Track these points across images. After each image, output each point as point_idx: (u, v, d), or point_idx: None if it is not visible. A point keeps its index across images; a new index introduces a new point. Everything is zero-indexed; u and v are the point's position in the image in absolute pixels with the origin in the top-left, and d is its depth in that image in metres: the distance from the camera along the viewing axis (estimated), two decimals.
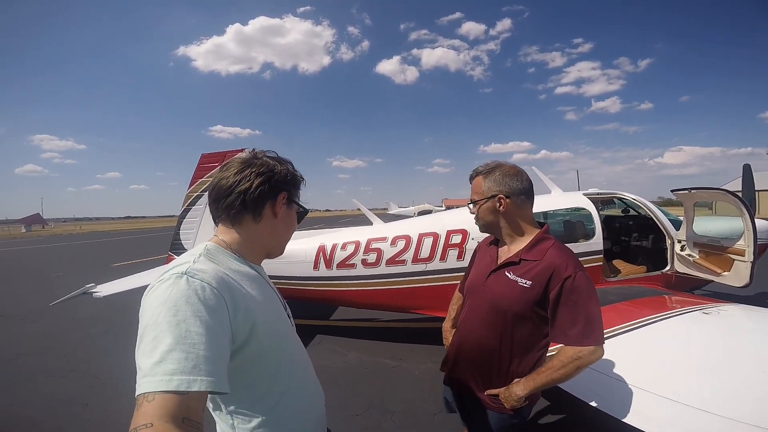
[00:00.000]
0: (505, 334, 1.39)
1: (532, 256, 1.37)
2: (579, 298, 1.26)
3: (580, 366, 1.26)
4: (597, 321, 1.27)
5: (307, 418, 1.01)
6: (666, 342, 2.31)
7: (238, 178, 0.93)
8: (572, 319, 1.27)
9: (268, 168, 0.96)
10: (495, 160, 1.52)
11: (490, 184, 1.45)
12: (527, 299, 1.33)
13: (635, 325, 2.44)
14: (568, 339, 1.28)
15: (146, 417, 0.60)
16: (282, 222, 1.01)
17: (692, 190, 3.67)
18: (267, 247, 1.03)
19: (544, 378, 1.31)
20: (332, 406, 2.96)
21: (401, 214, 32.29)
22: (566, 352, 1.28)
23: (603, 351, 1.28)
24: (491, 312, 1.43)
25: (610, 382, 1.88)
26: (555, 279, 1.29)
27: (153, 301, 0.73)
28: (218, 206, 0.95)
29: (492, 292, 1.44)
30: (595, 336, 1.26)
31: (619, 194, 4.50)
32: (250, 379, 0.88)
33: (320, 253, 4.00)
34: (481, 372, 1.48)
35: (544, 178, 4.68)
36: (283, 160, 1.02)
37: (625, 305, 2.96)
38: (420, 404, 3.08)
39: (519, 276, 1.36)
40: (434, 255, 3.70)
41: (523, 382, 1.35)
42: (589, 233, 3.82)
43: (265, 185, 0.95)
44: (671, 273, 3.92)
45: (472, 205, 1.52)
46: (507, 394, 1.36)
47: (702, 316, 2.59)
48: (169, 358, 0.65)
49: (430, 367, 3.70)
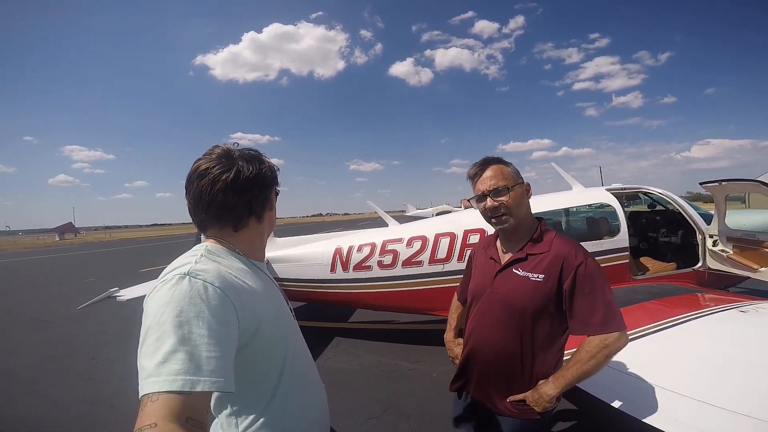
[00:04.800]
0: (524, 334, 1.32)
1: (539, 249, 1.33)
2: (594, 284, 1.22)
3: (608, 354, 1.21)
4: (615, 306, 1.23)
5: (310, 416, 1.00)
6: (700, 342, 2.19)
7: (228, 184, 0.87)
8: (591, 307, 1.21)
9: (258, 173, 0.93)
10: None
11: (513, 170, 1.39)
12: (542, 293, 1.27)
13: (666, 324, 2.33)
14: (591, 328, 1.22)
15: (150, 417, 0.60)
16: (270, 218, 1.04)
17: (723, 183, 3.50)
18: (267, 240, 1.08)
19: (574, 372, 1.23)
20: (349, 409, 3.02)
21: (419, 215, 32.10)
22: (592, 341, 1.22)
23: (627, 337, 1.24)
24: (505, 313, 1.35)
25: (635, 383, 1.78)
26: (567, 268, 1.25)
27: (156, 302, 0.73)
28: (219, 216, 0.91)
29: (503, 292, 1.37)
30: (619, 321, 1.22)
31: (644, 189, 4.31)
32: (254, 376, 0.88)
33: (337, 255, 4.01)
34: (501, 379, 1.39)
35: (564, 174, 4.55)
36: (254, 153, 0.98)
37: (654, 304, 2.83)
38: (437, 407, 3.02)
39: (529, 271, 1.31)
40: (452, 255, 3.65)
41: (552, 381, 1.27)
42: (614, 230, 3.71)
43: (267, 190, 0.98)
44: (703, 270, 3.75)
45: (498, 194, 1.33)
46: (536, 396, 1.28)
47: (739, 314, 2.46)
48: (173, 359, 0.65)
49: (447, 369, 3.62)
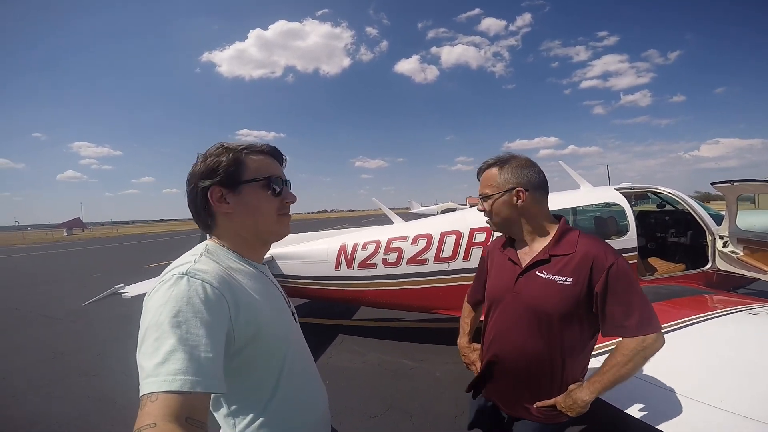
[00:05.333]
0: (552, 339, 1.28)
1: (562, 250, 1.27)
2: (628, 285, 1.18)
3: (646, 357, 1.17)
4: (650, 307, 1.19)
5: (310, 417, 0.99)
6: (709, 344, 2.16)
7: (187, 192, 0.93)
8: (627, 309, 1.17)
9: (191, 174, 0.92)
10: (507, 153, 1.41)
11: (506, 176, 1.34)
12: (571, 297, 1.22)
13: (674, 326, 2.29)
14: (628, 330, 1.18)
15: (150, 417, 0.59)
16: (239, 210, 0.91)
17: (735, 183, 3.44)
18: (251, 241, 0.96)
19: (611, 376, 1.20)
20: (351, 407, 3.01)
21: (424, 213, 31.92)
22: (628, 344, 1.18)
23: (664, 337, 1.20)
24: (533, 318, 1.30)
25: (645, 387, 1.75)
26: (597, 270, 1.19)
27: (155, 302, 0.73)
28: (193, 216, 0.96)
29: (528, 296, 1.31)
30: (655, 322, 1.18)
31: (653, 188, 4.24)
32: (253, 378, 0.87)
33: (341, 252, 4.01)
34: (528, 384, 1.35)
35: (571, 172, 4.49)
36: (218, 147, 0.93)
37: (662, 305, 2.78)
38: (440, 406, 3.01)
39: (555, 274, 1.25)
40: (457, 254, 3.62)
41: (587, 385, 1.24)
42: (622, 229, 3.67)
43: (193, 194, 0.91)
44: (712, 271, 3.69)
45: (484, 200, 1.39)
46: (569, 402, 1.25)
47: (749, 317, 2.41)
48: (172, 359, 0.65)
49: (451, 368, 3.62)
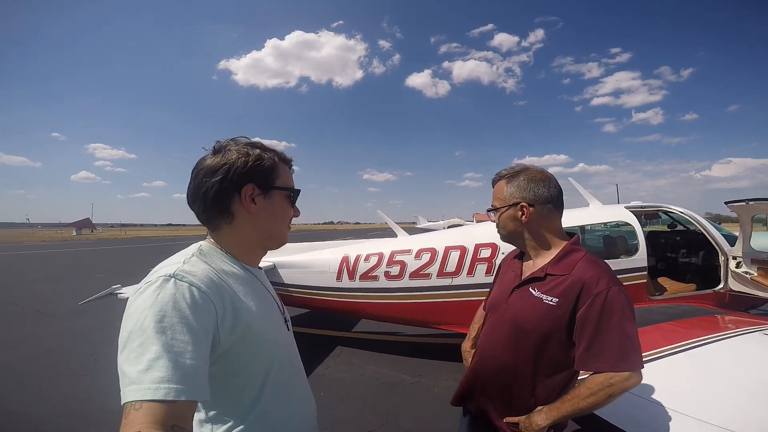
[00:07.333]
0: (529, 356, 1.24)
1: (560, 270, 1.22)
2: (612, 318, 1.10)
3: (611, 394, 1.09)
4: (633, 343, 1.10)
5: (295, 428, 0.93)
6: (722, 365, 2.07)
7: (198, 182, 0.86)
8: (603, 342, 1.10)
9: (223, 164, 0.86)
10: (521, 163, 1.36)
11: (512, 189, 1.30)
12: (554, 318, 1.18)
13: (684, 346, 2.20)
14: (599, 364, 1.11)
15: (134, 426, 0.57)
16: (263, 213, 0.90)
17: (750, 202, 3.34)
18: (256, 245, 0.94)
19: (569, 407, 1.14)
20: (346, 421, 2.92)
21: (430, 228, 31.76)
22: (596, 378, 1.11)
23: (640, 377, 1.10)
24: (514, 332, 1.27)
25: (649, 407, 1.68)
26: (584, 296, 1.13)
27: (139, 305, 0.69)
28: (194, 210, 0.89)
29: (514, 310, 1.29)
30: (632, 360, 1.09)
31: (665, 207, 4.15)
32: (234, 384, 0.82)
33: (344, 264, 3.99)
34: (501, 397, 1.32)
35: (581, 189, 4.43)
36: (253, 145, 0.91)
37: (672, 325, 2.70)
38: (436, 423, 2.91)
39: (544, 293, 1.21)
40: (461, 269, 3.57)
41: (545, 411, 1.18)
42: (632, 249, 3.59)
43: (222, 183, 0.85)
44: (725, 291, 3.59)
45: (492, 212, 1.38)
46: (527, 423, 1.19)
47: (763, 337, 2.33)
48: (156, 366, 0.62)
49: (449, 384, 3.52)
